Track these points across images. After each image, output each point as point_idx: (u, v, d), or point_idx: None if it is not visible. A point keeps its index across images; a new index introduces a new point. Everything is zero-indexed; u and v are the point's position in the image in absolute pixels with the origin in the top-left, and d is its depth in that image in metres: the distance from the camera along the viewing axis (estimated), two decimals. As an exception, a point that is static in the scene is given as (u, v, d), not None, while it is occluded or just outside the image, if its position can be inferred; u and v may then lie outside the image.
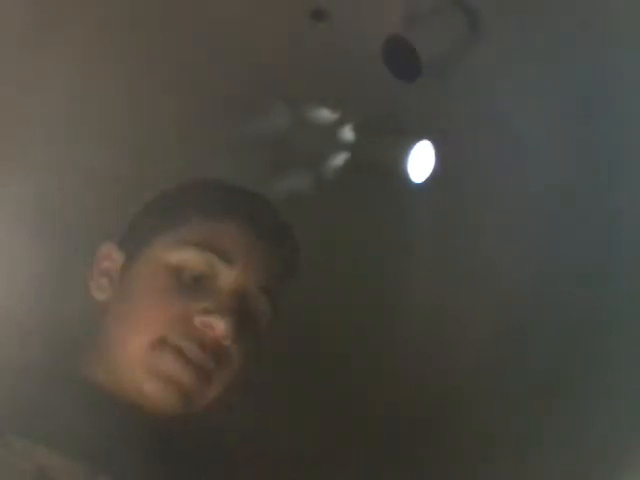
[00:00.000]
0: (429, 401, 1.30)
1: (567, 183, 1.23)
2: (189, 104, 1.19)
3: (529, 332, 1.26)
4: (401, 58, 1.19)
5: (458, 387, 1.28)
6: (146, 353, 0.71)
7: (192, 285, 0.73)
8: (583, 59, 1.17)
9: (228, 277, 0.74)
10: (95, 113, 1.11)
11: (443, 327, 1.32)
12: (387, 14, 1.21)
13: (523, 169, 1.25)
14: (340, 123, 1.30)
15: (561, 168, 1.24)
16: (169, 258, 0.74)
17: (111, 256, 0.80)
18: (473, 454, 1.21)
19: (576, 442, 1.11)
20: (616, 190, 1.19)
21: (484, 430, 1.22)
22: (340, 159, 1.30)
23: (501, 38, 1.25)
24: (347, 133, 1.29)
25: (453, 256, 1.33)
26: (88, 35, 1.10)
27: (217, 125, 1.20)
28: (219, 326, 0.71)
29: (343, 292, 1.33)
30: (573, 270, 1.22)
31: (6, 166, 1.03)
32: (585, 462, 1.07)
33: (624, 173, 1.16)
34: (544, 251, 1.25)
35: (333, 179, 1.30)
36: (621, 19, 1.11)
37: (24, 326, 0.77)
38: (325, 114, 1.29)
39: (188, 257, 0.74)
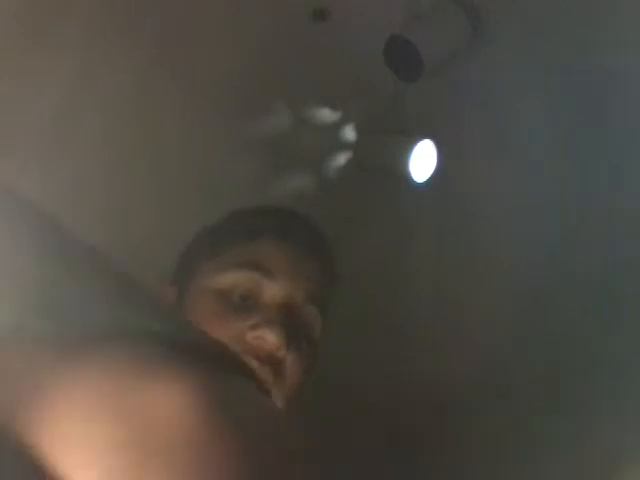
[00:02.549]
0: (429, 402, 1.30)
1: (567, 182, 1.24)
2: (190, 105, 1.19)
3: (529, 332, 1.26)
4: (403, 58, 1.19)
5: (458, 388, 1.28)
6: None
7: (241, 304, 0.78)
8: (583, 59, 1.17)
9: (273, 291, 0.78)
10: (95, 114, 1.11)
11: (444, 327, 1.32)
12: (388, 15, 1.21)
13: (523, 168, 1.26)
14: (342, 123, 1.30)
15: (561, 167, 1.24)
16: (216, 283, 0.79)
17: (164, 294, 0.85)
18: (473, 454, 1.21)
19: (576, 442, 1.11)
20: (616, 190, 1.19)
21: (484, 430, 1.22)
22: (342, 159, 1.30)
23: (501, 38, 1.25)
24: (349, 133, 1.29)
25: (454, 255, 1.33)
26: (89, 33, 1.10)
27: (218, 126, 1.20)
28: (270, 337, 0.74)
29: (343, 291, 1.33)
30: (573, 269, 1.22)
31: (6, 164, 1.03)
32: (585, 462, 1.07)
33: (624, 172, 1.16)
34: (544, 251, 1.25)
35: (335, 179, 1.30)
36: (621, 20, 1.11)
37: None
38: (327, 114, 1.28)
39: (233, 279, 0.79)
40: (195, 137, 1.19)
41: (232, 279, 0.79)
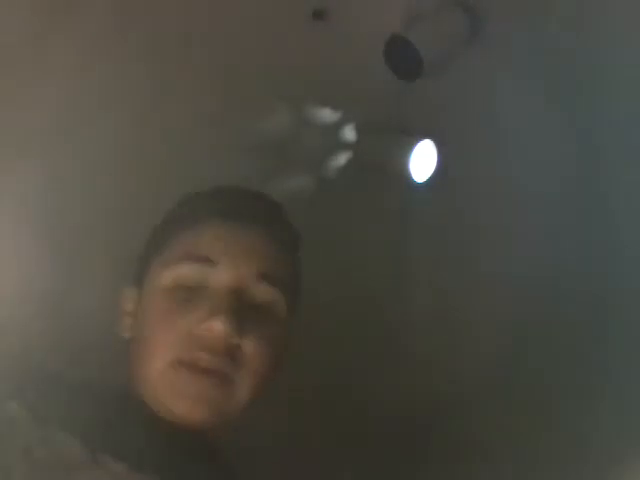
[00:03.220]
0: (429, 401, 1.30)
1: (567, 182, 1.24)
2: (189, 104, 1.19)
3: (530, 332, 1.26)
4: (402, 58, 1.19)
5: (459, 388, 1.28)
6: (164, 376, 0.72)
7: (188, 298, 0.74)
8: (583, 59, 1.17)
9: (218, 277, 0.75)
10: (91, 113, 1.11)
11: (443, 327, 1.32)
12: (388, 14, 1.21)
13: (523, 169, 1.26)
14: (341, 123, 1.30)
15: (561, 167, 1.25)
16: (162, 281, 0.76)
17: (130, 296, 0.82)
18: (473, 454, 1.21)
19: (576, 442, 1.11)
20: (616, 189, 1.19)
21: (484, 430, 1.23)
22: (342, 159, 1.30)
23: (501, 38, 1.25)
24: (348, 133, 1.30)
25: (454, 255, 1.33)
26: (86, 33, 1.10)
27: (218, 125, 1.20)
28: (218, 326, 0.71)
29: (343, 292, 1.33)
30: (573, 270, 1.22)
31: (7, 162, 1.03)
32: (585, 462, 1.07)
33: (624, 172, 1.16)
34: (544, 251, 1.25)
35: (335, 179, 1.30)
36: (620, 19, 1.11)
37: (28, 327, 0.76)
38: (326, 114, 1.29)
39: (175, 274, 0.76)
40: (194, 137, 1.19)
41: (174, 274, 0.75)
